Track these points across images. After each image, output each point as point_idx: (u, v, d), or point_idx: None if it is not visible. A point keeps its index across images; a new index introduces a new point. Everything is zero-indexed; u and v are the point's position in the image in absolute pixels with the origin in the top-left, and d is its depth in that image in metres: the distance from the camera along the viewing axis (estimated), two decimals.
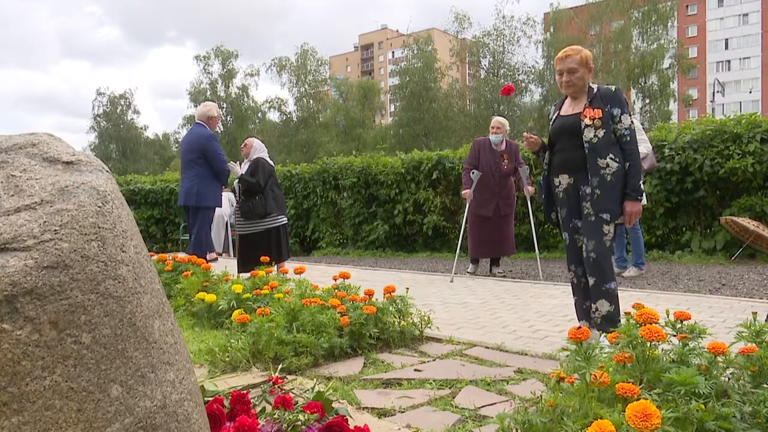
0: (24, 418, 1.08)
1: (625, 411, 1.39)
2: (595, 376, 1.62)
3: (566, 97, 3.12)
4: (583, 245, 2.93)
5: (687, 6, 58.65)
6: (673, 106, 36.07)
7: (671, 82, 33.74)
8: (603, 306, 2.87)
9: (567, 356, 1.76)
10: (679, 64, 33.67)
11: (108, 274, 1.20)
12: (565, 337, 3.25)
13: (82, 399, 1.12)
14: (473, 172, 6.06)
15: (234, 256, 9.69)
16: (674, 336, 1.86)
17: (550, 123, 3.13)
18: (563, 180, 3.04)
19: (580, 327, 1.70)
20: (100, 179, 1.33)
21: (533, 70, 35.45)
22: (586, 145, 2.88)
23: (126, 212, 1.34)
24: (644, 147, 5.58)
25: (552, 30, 34.69)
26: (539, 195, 3.22)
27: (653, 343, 1.76)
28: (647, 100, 33.62)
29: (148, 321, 1.27)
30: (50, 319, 1.10)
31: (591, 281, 2.90)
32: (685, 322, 1.87)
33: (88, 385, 1.13)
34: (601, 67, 33.51)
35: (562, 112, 3.08)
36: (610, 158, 2.86)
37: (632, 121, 2.91)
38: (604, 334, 2.76)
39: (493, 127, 6.29)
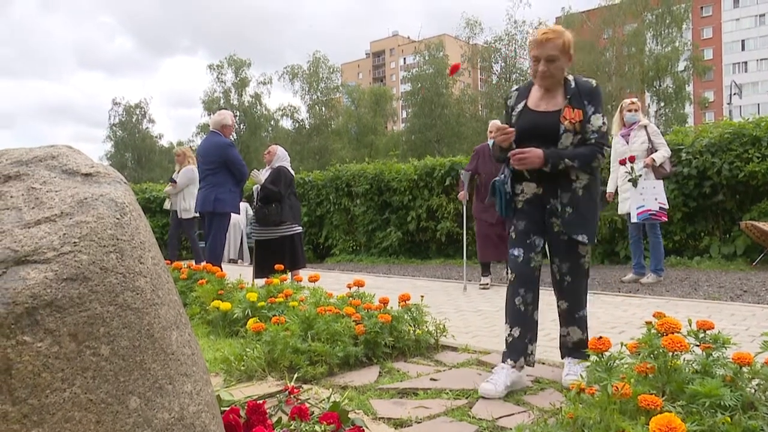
0: (44, 430, 1.08)
1: (648, 424, 1.36)
2: (617, 388, 1.59)
3: (532, 83, 2.58)
4: (555, 266, 2.53)
5: (701, 7, 58.11)
6: (688, 109, 35.75)
7: (686, 85, 33.42)
8: (575, 333, 2.55)
9: (587, 367, 1.73)
10: (695, 66, 33.36)
11: (126, 286, 1.21)
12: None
13: (101, 411, 1.12)
14: (462, 173, 6.15)
15: (249, 264, 9.74)
16: (697, 346, 1.82)
17: (513, 115, 2.57)
18: (528, 189, 2.53)
19: (601, 337, 1.67)
20: (118, 191, 1.34)
21: None
22: (546, 150, 2.38)
23: (144, 223, 1.35)
24: (664, 151, 5.52)
25: None
26: (498, 204, 2.60)
27: (676, 353, 1.72)
28: (662, 104, 33.31)
29: (165, 332, 1.27)
30: (70, 331, 1.11)
31: (563, 305, 2.55)
32: (708, 332, 1.83)
33: (107, 397, 1.13)
34: (614, 70, 33.32)
35: (532, 105, 2.52)
36: (582, 170, 2.44)
37: (603, 123, 2.46)
38: (572, 359, 2.53)
39: (490, 132, 6.25)
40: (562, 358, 2.63)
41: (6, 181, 1.33)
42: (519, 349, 2.47)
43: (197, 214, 7.77)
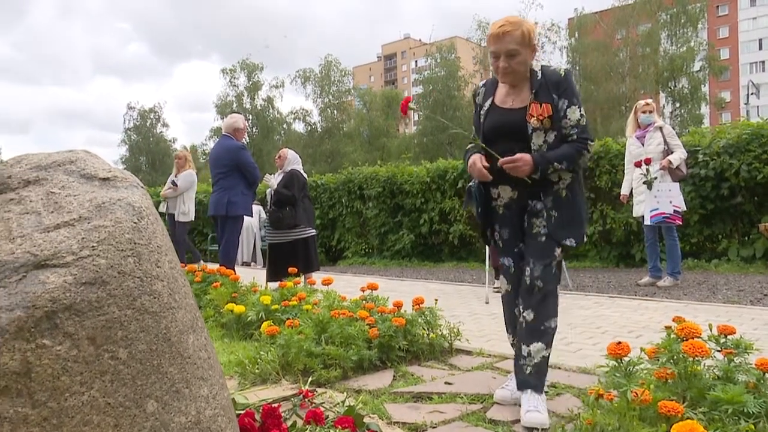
0: None
1: (669, 431, 1.34)
2: (636, 394, 1.57)
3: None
4: (527, 269, 2.25)
5: (717, 6, 57.40)
6: (704, 109, 35.29)
7: (702, 85, 33.01)
8: (537, 350, 2.17)
9: (606, 372, 1.71)
10: (711, 66, 32.92)
11: (144, 290, 1.21)
12: (600, 350, 3.19)
13: (118, 414, 1.12)
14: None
15: (262, 267, 9.78)
16: (718, 351, 1.79)
17: (482, 113, 2.39)
18: (504, 193, 2.33)
19: (620, 342, 1.65)
20: (135, 195, 1.34)
21: None
22: (535, 155, 2.18)
23: (160, 227, 1.35)
24: (680, 152, 5.46)
25: (577, 35, 34.32)
26: (475, 210, 2.43)
27: (696, 358, 1.70)
28: (677, 104, 32.94)
29: (182, 336, 1.27)
30: (88, 335, 1.11)
31: (529, 316, 2.21)
32: (729, 337, 1.80)
33: (125, 401, 1.14)
34: (628, 71, 33.03)
35: (498, 101, 2.33)
36: (564, 170, 2.22)
37: (582, 115, 2.22)
38: (532, 392, 2.12)
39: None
40: (519, 389, 2.20)
41: (26, 186, 1.34)
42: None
43: (193, 218, 7.84)
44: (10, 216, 1.25)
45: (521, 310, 2.26)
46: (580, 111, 2.21)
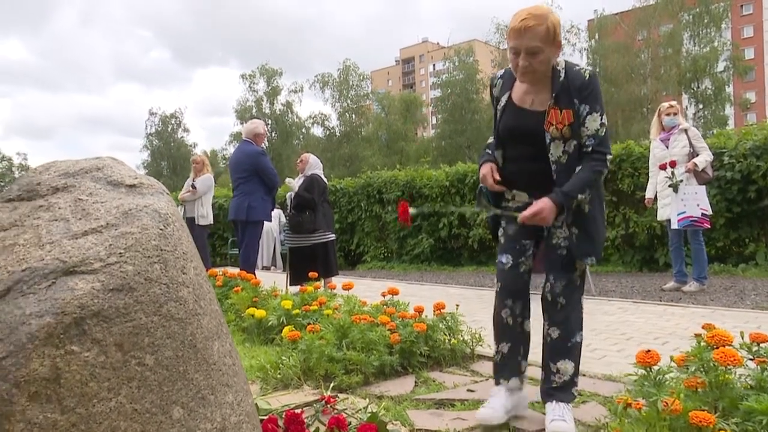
0: None
1: None
2: (666, 403, 1.53)
3: None
4: (548, 285, 2.15)
5: (741, 6, 56.35)
6: (729, 110, 34.63)
7: (726, 86, 32.38)
8: (567, 368, 2.09)
9: (634, 381, 1.67)
10: (735, 66, 32.30)
11: (170, 296, 1.22)
12: (625, 356, 3.13)
13: (145, 421, 1.13)
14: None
15: (282, 271, 9.83)
16: (750, 359, 1.74)
17: (498, 108, 2.21)
18: (519, 197, 2.20)
19: (649, 350, 1.61)
20: (161, 202, 1.35)
21: None
22: (553, 166, 2.04)
23: (186, 234, 1.36)
24: (706, 155, 5.35)
25: (597, 37, 33.95)
26: (486, 211, 2.32)
27: (728, 367, 1.65)
28: (701, 106, 32.37)
29: (207, 342, 1.28)
30: (116, 341, 1.12)
31: (554, 333, 2.13)
32: (762, 345, 1.75)
33: (151, 407, 1.14)
34: (650, 72, 32.56)
35: (517, 99, 2.14)
36: None
37: (602, 125, 2.03)
38: (557, 402, 2.05)
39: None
40: (544, 402, 2.13)
41: (54, 193, 1.36)
42: (511, 368, 2.21)
43: (212, 222, 7.90)
44: (40, 223, 1.27)
45: (546, 326, 2.17)
46: (601, 119, 2.01)
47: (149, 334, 1.16)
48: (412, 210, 2.26)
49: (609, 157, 2.05)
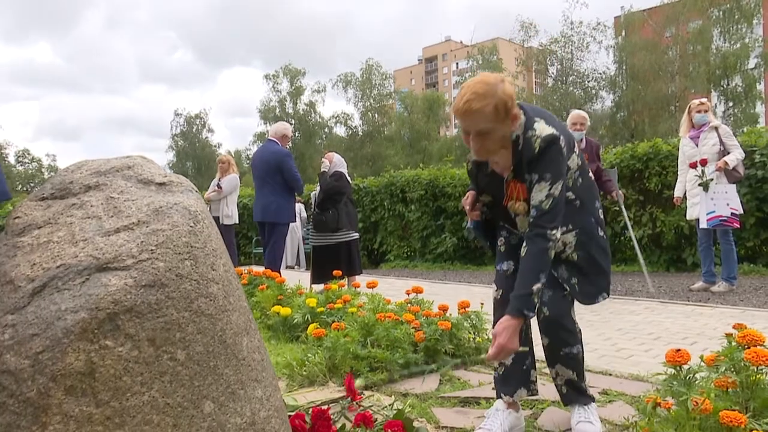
0: None
1: None
2: (696, 403, 1.50)
3: None
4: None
5: None
6: (760, 108, 33.67)
7: (758, 83, 31.52)
8: (563, 372, 2.02)
9: (663, 380, 1.65)
10: (767, 63, 31.44)
11: (200, 292, 1.24)
12: (653, 356, 3.08)
13: (177, 414, 1.15)
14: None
15: (306, 269, 9.91)
16: None
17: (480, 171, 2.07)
18: (513, 238, 2.11)
19: (679, 349, 1.58)
20: (190, 199, 1.38)
21: (604, 76, 34.23)
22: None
23: (215, 231, 1.38)
24: (737, 153, 5.22)
25: (624, 34, 33.36)
26: (480, 239, 2.22)
27: (760, 367, 1.61)
28: (731, 103, 31.58)
29: (237, 338, 1.30)
30: (148, 336, 1.15)
31: (545, 341, 2.03)
32: None
33: (183, 401, 1.16)
34: (678, 70, 31.88)
35: (491, 162, 2.01)
36: (562, 233, 1.90)
37: (548, 196, 1.80)
38: (578, 406, 2.01)
39: (575, 123, 5.35)
40: (565, 405, 2.11)
41: (86, 191, 1.40)
42: (518, 379, 2.06)
43: (237, 221, 7.99)
44: (73, 221, 1.31)
45: (540, 331, 2.06)
46: (549, 190, 1.79)
47: (180, 329, 1.19)
48: None
49: (552, 232, 1.80)
